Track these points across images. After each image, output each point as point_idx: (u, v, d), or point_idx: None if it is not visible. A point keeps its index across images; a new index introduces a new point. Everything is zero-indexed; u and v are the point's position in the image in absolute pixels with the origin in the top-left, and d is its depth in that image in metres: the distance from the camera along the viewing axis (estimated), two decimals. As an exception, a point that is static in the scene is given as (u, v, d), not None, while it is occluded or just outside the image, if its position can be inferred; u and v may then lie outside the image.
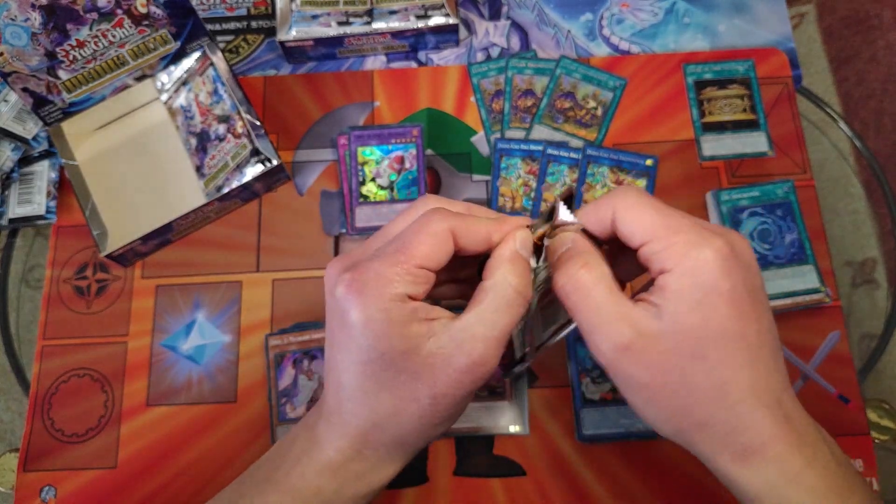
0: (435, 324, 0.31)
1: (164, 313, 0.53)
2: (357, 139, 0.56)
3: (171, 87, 0.57)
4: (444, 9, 0.57)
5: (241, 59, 0.61)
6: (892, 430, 0.50)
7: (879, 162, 0.58)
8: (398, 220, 0.34)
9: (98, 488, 0.49)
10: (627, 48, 0.60)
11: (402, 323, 0.30)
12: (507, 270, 0.32)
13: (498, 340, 0.31)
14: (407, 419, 0.31)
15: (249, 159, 0.53)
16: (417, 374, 0.30)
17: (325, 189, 0.56)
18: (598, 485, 0.49)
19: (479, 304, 0.31)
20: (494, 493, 0.49)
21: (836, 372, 0.51)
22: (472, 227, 0.32)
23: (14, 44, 0.48)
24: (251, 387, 0.51)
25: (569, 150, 0.56)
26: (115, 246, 0.51)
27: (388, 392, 0.31)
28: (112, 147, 0.56)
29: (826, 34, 0.64)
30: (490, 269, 0.32)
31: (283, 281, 0.54)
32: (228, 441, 0.50)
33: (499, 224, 0.33)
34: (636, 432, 0.49)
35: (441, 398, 0.31)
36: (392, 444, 0.33)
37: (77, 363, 0.52)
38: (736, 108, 0.57)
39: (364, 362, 0.31)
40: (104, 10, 0.50)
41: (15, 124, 0.56)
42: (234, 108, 0.54)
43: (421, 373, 0.30)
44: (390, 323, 0.30)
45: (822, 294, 0.51)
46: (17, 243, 0.58)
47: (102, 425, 0.51)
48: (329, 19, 0.58)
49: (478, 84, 0.59)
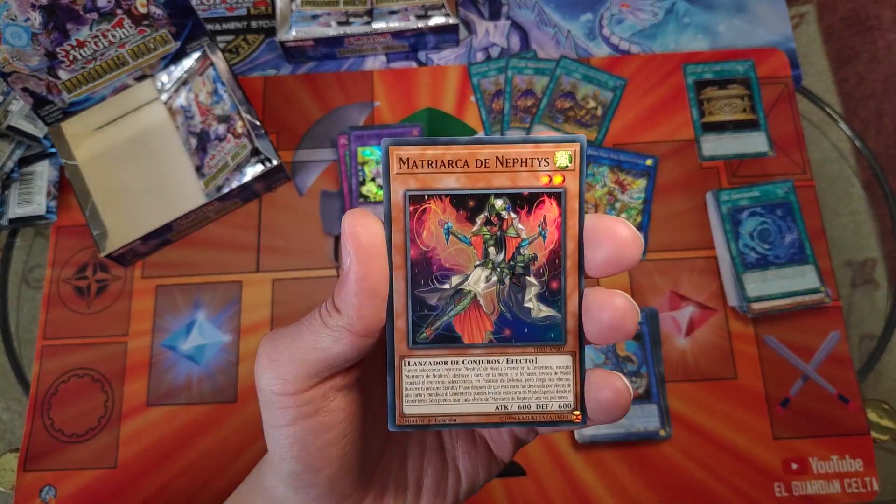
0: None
1: (164, 313, 0.53)
2: (357, 139, 0.56)
3: (171, 87, 0.57)
4: (444, 9, 0.57)
5: (241, 59, 0.61)
6: (892, 430, 0.50)
7: (879, 162, 0.58)
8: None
9: (98, 488, 0.49)
10: (627, 48, 0.60)
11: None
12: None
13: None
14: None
15: (249, 159, 0.53)
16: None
17: (325, 189, 0.56)
18: (598, 485, 0.49)
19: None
20: (494, 493, 0.49)
21: (836, 372, 0.51)
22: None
23: (14, 44, 0.48)
24: (251, 387, 0.51)
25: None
26: (115, 246, 0.51)
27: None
28: (112, 147, 0.56)
29: (826, 34, 0.64)
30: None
31: (283, 281, 0.54)
32: (228, 441, 0.50)
33: None
34: (636, 432, 0.49)
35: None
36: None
37: (77, 363, 0.52)
38: (736, 108, 0.57)
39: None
40: (104, 10, 0.50)
41: (26, 123, 0.56)
42: (234, 108, 0.54)
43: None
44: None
45: (822, 294, 0.51)
46: (17, 243, 0.58)
47: (102, 425, 0.51)
48: (329, 19, 0.58)
49: (478, 84, 0.59)
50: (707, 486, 0.48)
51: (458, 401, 0.22)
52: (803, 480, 0.49)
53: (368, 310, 0.21)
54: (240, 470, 0.50)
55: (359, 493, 0.25)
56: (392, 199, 0.21)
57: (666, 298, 0.53)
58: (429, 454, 0.27)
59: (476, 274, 0.22)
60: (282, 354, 0.22)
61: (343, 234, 0.20)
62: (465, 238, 0.21)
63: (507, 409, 0.22)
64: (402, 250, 0.21)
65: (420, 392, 0.22)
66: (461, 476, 0.27)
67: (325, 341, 0.21)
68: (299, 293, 0.53)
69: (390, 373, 0.22)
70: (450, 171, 0.21)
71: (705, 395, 0.50)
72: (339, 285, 0.21)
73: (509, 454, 0.27)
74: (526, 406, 0.22)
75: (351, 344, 0.21)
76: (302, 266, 0.54)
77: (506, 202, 0.21)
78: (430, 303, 0.21)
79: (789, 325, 0.52)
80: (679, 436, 0.50)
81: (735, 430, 0.50)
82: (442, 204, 0.21)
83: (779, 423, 0.50)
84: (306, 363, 0.21)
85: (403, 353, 0.22)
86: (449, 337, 0.22)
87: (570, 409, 0.22)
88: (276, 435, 0.23)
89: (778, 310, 0.51)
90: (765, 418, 0.50)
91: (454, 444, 0.27)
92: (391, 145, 0.20)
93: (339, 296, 0.21)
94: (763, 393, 0.50)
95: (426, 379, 0.22)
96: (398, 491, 0.26)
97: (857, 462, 0.49)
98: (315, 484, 0.23)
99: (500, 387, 0.22)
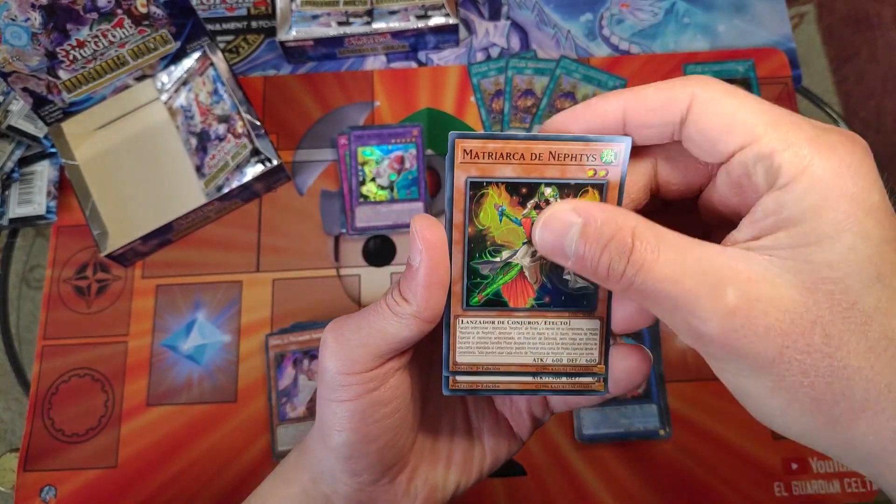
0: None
1: (165, 313, 0.53)
2: (357, 139, 0.56)
3: (172, 87, 0.57)
4: (444, 9, 0.57)
5: (241, 59, 0.61)
6: (891, 429, 0.50)
7: (880, 162, 0.58)
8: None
9: (98, 488, 0.49)
10: (627, 48, 0.60)
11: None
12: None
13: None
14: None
15: (249, 159, 0.53)
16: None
17: (325, 189, 0.56)
18: (598, 485, 0.49)
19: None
20: (494, 493, 0.49)
21: (836, 372, 0.51)
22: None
23: (14, 44, 0.48)
24: (251, 387, 0.51)
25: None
26: (115, 246, 0.51)
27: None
28: (112, 147, 0.56)
29: (826, 34, 0.64)
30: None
31: (283, 281, 0.54)
32: (228, 441, 0.50)
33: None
34: (635, 432, 0.49)
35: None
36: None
37: (77, 363, 0.52)
38: (736, 107, 0.57)
39: None
40: (104, 10, 0.50)
41: (26, 123, 0.56)
42: (234, 108, 0.54)
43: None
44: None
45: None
46: (18, 243, 0.58)
47: (103, 425, 0.51)
48: (329, 19, 0.58)
49: (478, 84, 0.59)
50: (707, 486, 0.48)
51: (502, 353, 0.25)
52: (803, 480, 0.49)
53: (435, 300, 0.24)
54: (240, 470, 0.50)
55: (399, 465, 0.27)
56: (455, 184, 0.24)
57: (666, 298, 0.53)
58: (459, 432, 0.30)
59: (523, 250, 0.25)
60: (349, 339, 0.25)
61: (413, 235, 0.23)
62: (516, 220, 0.24)
63: (542, 361, 0.26)
64: (461, 228, 0.24)
65: (470, 345, 0.25)
66: (486, 452, 0.30)
67: (393, 327, 0.24)
68: (299, 293, 0.54)
69: (446, 331, 0.25)
70: (507, 162, 0.23)
71: (705, 394, 0.50)
72: (408, 279, 0.24)
73: (527, 433, 0.30)
74: (558, 359, 0.26)
75: (417, 328, 0.24)
76: (302, 266, 0.54)
77: (554, 190, 0.24)
78: (482, 272, 0.25)
79: (789, 324, 0.52)
80: (679, 435, 0.50)
81: (735, 430, 0.50)
82: (498, 190, 0.24)
83: (779, 423, 0.50)
84: (373, 346, 0.24)
85: (458, 314, 0.25)
86: (497, 301, 0.25)
87: (595, 363, 0.25)
88: (338, 409, 0.25)
89: (778, 309, 0.51)
90: (765, 418, 0.50)
91: (481, 424, 0.30)
92: (458, 138, 0.23)
93: (407, 288, 0.24)
94: (763, 393, 0.50)
95: (476, 335, 0.25)
96: (432, 464, 0.29)
97: (857, 462, 0.49)
98: (366, 454, 0.26)
99: (538, 343, 0.25)
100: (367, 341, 0.25)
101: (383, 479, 0.27)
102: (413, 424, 0.28)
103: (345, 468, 0.27)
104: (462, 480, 0.30)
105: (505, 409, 0.30)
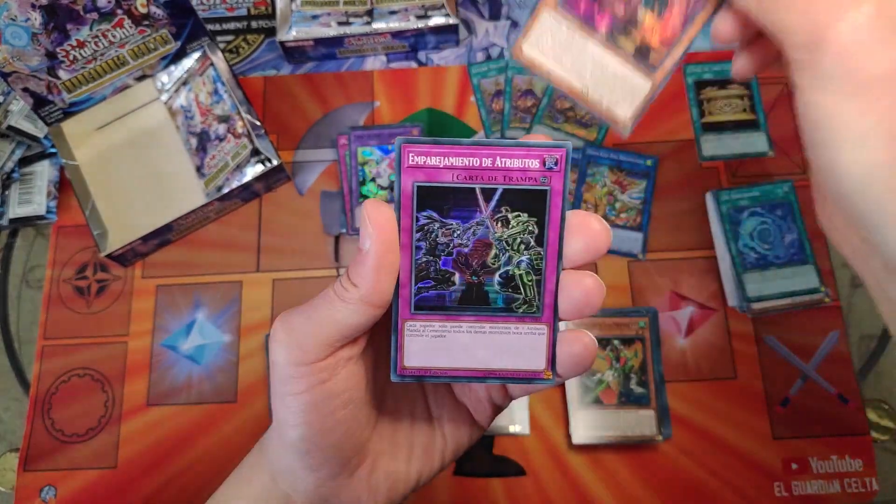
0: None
1: (165, 313, 0.53)
2: (357, 139, 0.56)
3: (172, 87, 0.57)
4: (444, 9, 0.57)
5: (241, 59, 0.61)
6: (891, 430, 0.50)
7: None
8: None
9: (98, 488, 0.49)
10: (627, 48, 0.60)
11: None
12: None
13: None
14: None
15: (249, 159, 0.53)
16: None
17: (325, 189, 0.56)
18: (597, 485, 0.49)
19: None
20: (494, 493, 0.49)
21: (836, 372, 0.51)
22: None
23: (14, 44, 0.48)
24: (251, 387, 0.51)
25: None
26: (115, 246, 0.51)
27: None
28: (112, 147, 0.56)
29: (826, 34, 0.64)
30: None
31: (283, 281, 0.54)
32: (228, 441, 0.50)
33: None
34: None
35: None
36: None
37: (77, 363, 0.52)
38: (736, 108, 0.57)
39: None
40: (104, 10, 0.50)
41: (26, 123, 0.56)
42: (234, 108, 0.54)
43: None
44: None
45: (822, 294, 0.51)
46: (17, 243, 0.58)
47: (102, 425, 0.51)
48: (329, 19, 0.58)
49: (478, 84, 0.59)
50: (707, 486, 0.48)
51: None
52: (803, 480, 0.49)
53: (384, 283, 0.24)
54: (240, 470, 0.50)
55: (358, 459, 0.27)
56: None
57: (666, 298, 0.53)
58: (419, 422, 0.30)
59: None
60: (298, 329, 0.25)
61: (363, 219, 0.23)
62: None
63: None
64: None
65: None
66: (447, 440, 0.30)
67: (341, 313, 0.24)
68: (299, 293, 0.54)
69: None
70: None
71: (705, 395, 0.50)
72: (357, 263, 0.24)
73: (488, 420, 0.30)
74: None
75: (366, 314, 0.24)
76: (302, 266, 0.54)
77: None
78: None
79: (789, 325, 0.52)
80: (679, 436, 0.50)
81: (735, 430, 0.50)
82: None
83: (779, 423, 0.50)
84: (323, 335, 0.24)
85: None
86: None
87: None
88: (290, 402, 0.25)
89: (778, 310, 0.51)
90: (764, 418, 0.50)
91: (441, 412, 0.30)
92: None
93: (356, 272, 0.24)
94: (763, 393, 0.50)
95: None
96: (392, 456, 0.29)
97: (856, 462, 0.49)
98: (323, 448, 0.26)
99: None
100: (315, 330, 0.24)
101: (343, 473, 0.27)
102: (370, 416, 0.27)
103: (303, 464, 0.26)
104: (424, 470, 0.29)
105: (465, 397, 0.30)
